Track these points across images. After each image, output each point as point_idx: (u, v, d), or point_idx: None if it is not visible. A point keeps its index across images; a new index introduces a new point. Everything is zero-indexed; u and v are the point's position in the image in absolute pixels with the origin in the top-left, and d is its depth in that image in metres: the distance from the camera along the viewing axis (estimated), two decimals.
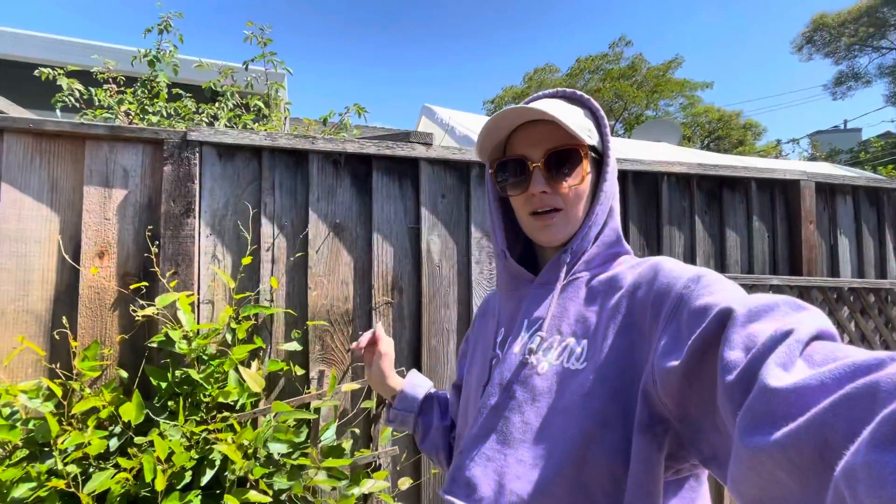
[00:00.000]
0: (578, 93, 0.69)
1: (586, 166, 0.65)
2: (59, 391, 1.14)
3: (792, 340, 0.37)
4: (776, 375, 0.35)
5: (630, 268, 0.62)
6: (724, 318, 0.43)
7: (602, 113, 0.69)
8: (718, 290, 0.48)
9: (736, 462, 0.37)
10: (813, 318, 0.40)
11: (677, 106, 19.93)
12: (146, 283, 1.39)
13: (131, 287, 1.38)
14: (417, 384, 0.92)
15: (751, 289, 1.94)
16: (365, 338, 0.90)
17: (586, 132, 0.64)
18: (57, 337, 1.33)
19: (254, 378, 1.30)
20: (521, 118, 0.65)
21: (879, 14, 17.73)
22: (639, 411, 0.50)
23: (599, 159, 0.68)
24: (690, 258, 1.98)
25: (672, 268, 0.56)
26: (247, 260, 1.45)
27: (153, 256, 1.39)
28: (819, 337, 0.38)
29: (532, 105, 0.63)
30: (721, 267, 2.02)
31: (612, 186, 0.68)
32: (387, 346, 0.92)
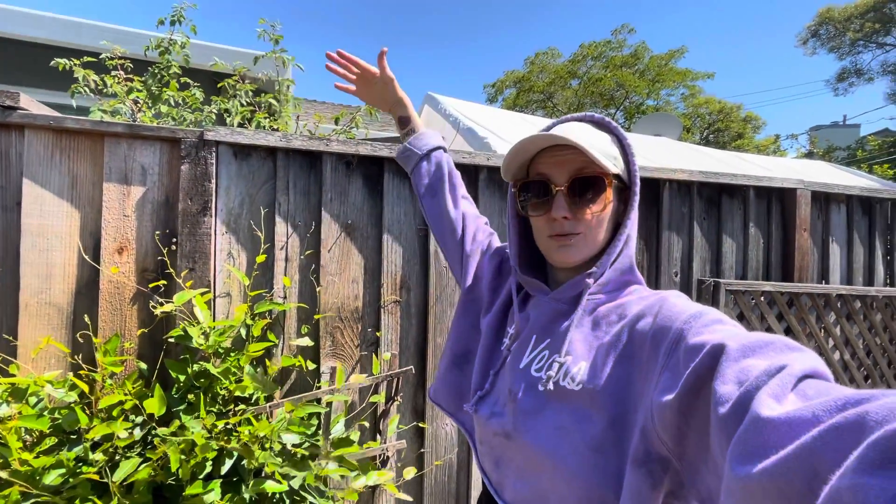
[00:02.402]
0: (607, 119, 0.70)
1: (610, 195, 0.65)
2: (86, 387, 1.19)
3: (785, 374, 0.37)
4: (768, 406, 0.35)
5: (639, 298, 0.63)
6: (718, 353, 0.44)
7: (629, 142, 0.68)
8: (718, 329, 0.48)
9: (726, 493, 0.36)
10: (807, 358, 0.40)
11: (678, 96, 19.82)
12: (165, 282, 1.43)
13: (150, 286, 1.43)
14: (430, 135, 1.01)
15: (743, 294, 2.02)
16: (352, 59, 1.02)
17: (612, 160, 0.65)
18: (80, 339, 1.37)
19: (267, 384, 1.37)
20: (550, 143, 0.66)
21: (886, 10, 17.60)
22: (634, 446, 0.50)
23: (623, 187, 0.69)
24: (687, 263, 2.04)
25: (675, 303, 0.56)
26: (261, 258, 1.50)
27: (168, 256, 1.43)
28: (812, 376, 0.39)
29: (559, 130, 0.64)
30: (716, 272, 2.09)
31: (635, 215, 0.68)
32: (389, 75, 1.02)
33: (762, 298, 2.05)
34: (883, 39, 18.44)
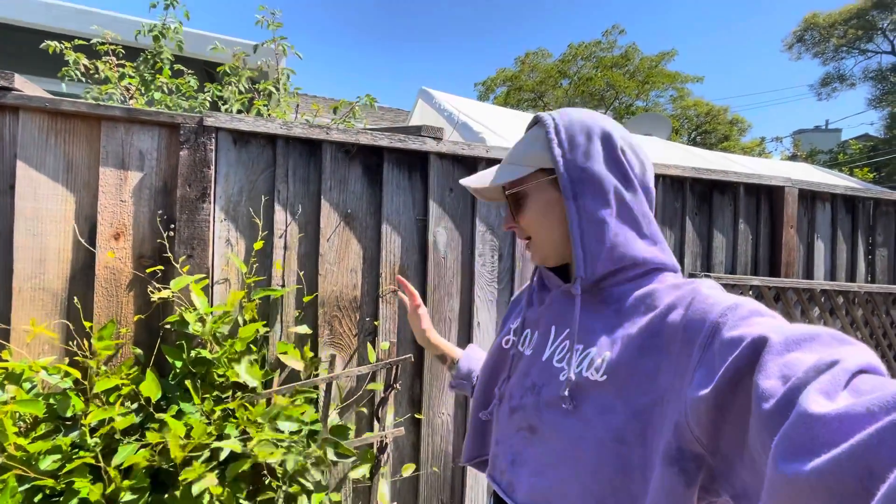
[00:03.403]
0: (538, 115, 0.70)
1: (538, 196, 0.68)
2: (77, 374, 1.18)
3: (838, 370, 0.35)
4: (818, 402, 0.33)
5: (670, 287, 0.60)
6: (759, 347, 0.42)
7: (553, 134, 0.65)
8: (756, 322, 0.46)
9: (770, 492, 0.35)
10: (859, 352, 0.38)
11: (667, 98, 20.08)
12: (161, 267, 1.42)
13: (147, 270, 1.41)
14: (473, 357, 1.00)
15: (732, 288, 2.07)
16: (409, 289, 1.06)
17: (520, 165, 0.68)
18: (71, 324, 1.36)
19: (253, 375, 1.36)
20: (475, 189, 0.76)
21: (868, 17, 18.03)
22: (666, 442, 0.49)
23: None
24: (679, 257, 2.09)
25: (710, 294, 0.54)
26: (258, 245, 1.49)
27: (166, 241, 1.42)
28: (866, 371, 0.36)
29: (482, 173, 0.74)
30: (707, 267, 2.14)
31: (591, 203, 0.63)
32: (424, 308, 1.07)
33: (750, 293, 2.10)
34: (865, 46, 18.91)
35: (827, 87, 20.32)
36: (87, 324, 1.34)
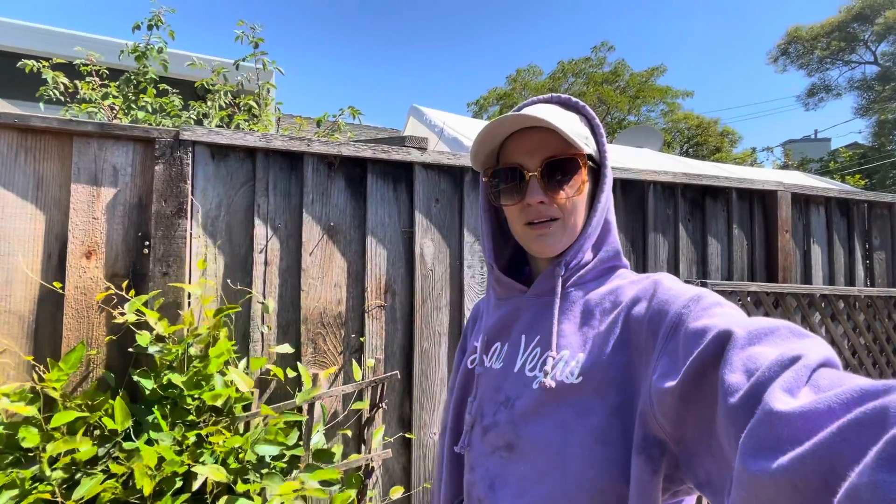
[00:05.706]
0: (574, 99, 0.67)
1: (584, 175, 0.62)
2: (28, 411, 1.10)
3: (800, 366, 0.36)
4: (782, 400, 0.34)
5: (630, 283, 0.61)
6: (724, 340, 0.43)
7: (598, 121, 0.67)
8: (718, 313, 0.47)
9: (737, 488, 0.36)
10: (818, 347, 0.39)
11: (658, 112, 20.35)
12: (147, 296, 1.36)
13: (104, 293, 1.35)
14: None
15: (730, 295, 2.02)
16: None
17: (583, 140, 0.62)
18: (30, 349, 1.29)
19: (242, 377, 1.29)
20: (519, 125, 0.62)
21: (850, 29, 18.48)
22: (635, 433, 0.50)
23: (596, 168, 0.66)
24: (674, 264, 2.04)
25: (671, 286, 0.55)
26: (237, 261, 1.43)
27: (141, 260, 1.37)
28: (825, 365, 0.37)
29: (528, 111, 0.60)
30: (703, 273, 2.09)
31: (608, 197, 0.66)
32: None
33: (749, 299, 2.05)
34: (849, 57, 19.32)
35: (814, 98, 20.68)
36: (27, 357, 1.24)
